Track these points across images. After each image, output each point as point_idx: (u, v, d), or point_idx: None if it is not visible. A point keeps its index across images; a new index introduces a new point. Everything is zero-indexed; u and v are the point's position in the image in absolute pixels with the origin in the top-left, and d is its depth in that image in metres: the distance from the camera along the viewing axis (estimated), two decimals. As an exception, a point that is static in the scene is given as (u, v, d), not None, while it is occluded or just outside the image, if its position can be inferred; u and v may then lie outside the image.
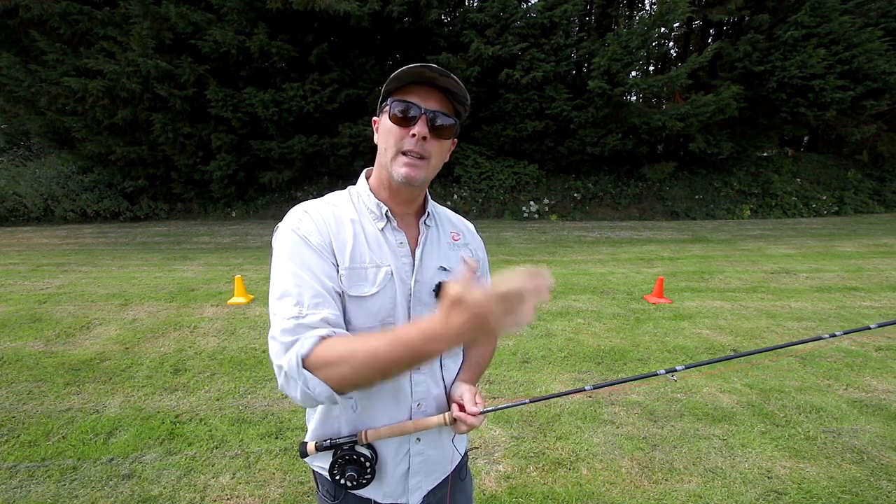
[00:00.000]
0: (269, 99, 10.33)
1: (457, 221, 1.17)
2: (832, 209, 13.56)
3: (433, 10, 10.60)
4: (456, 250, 1.08)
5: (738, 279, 6.33)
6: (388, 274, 0.95)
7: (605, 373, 3.61)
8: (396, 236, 0.99)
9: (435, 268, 1.02)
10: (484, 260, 1.18)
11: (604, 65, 10.77)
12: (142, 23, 9.66)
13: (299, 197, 12.41)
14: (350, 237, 0.94)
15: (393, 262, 0.97)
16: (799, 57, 11.33)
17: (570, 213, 12.52)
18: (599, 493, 2.33)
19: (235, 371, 3.57)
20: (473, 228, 1.21)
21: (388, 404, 1.00)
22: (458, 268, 1.06)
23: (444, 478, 1.12)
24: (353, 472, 0.95)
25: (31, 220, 11.38)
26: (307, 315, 0.82)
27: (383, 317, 0.95)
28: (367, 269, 0.94)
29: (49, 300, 5.23)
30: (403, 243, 0.99)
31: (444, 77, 0.91)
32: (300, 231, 0.91)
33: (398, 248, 0.99)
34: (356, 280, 0.92)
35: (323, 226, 0.93)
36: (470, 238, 1.15)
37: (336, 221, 0.95)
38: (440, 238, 1.07)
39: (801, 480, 2.41)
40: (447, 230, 1.11)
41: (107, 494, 2.27)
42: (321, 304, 0.84)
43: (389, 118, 0.94)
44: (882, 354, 3.94)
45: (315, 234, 0.91)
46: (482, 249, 1.19)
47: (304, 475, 2.42)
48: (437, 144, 0.95)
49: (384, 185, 1.00)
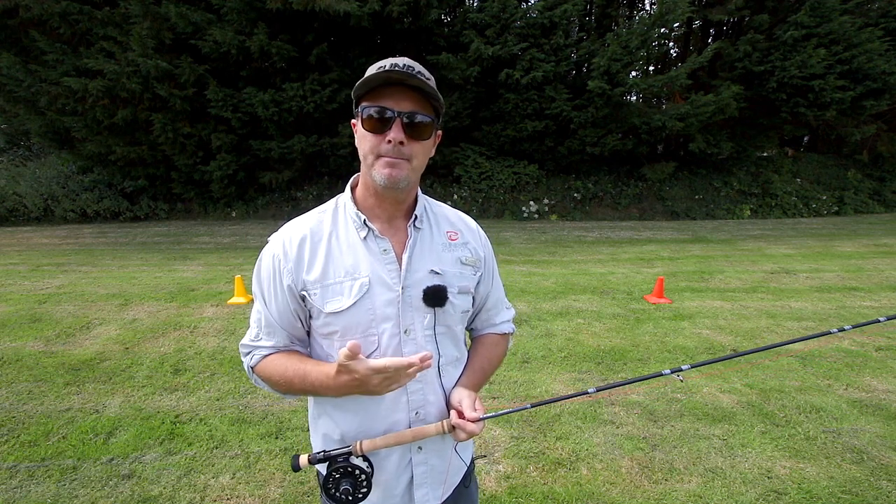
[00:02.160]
0: (269, 99, 10.33)
1: (455, 219, 1.11)
2: (832, 209, 13.56)
3: (433, 10, 10.60)
4: (452, 251, 1.04)
5: (738, 279, 6.33)
6: (364, 285, 0.95)
7: (605, 373, 3.61)
8: (380, 244, 0.97)
9: (426, 271, 0.99)
10: (487, 258, 1.12)
11: (604, 65, 10.77)
12: (142, 23, 9.66)
13: (299, 197, 12.42)
14: (323, 255, 0.97)
15: (376, 270, 0.95)
16: (799, 57, 11.33)
17: (570, 213, 12.52)
18: (599, 493, 2.33)
19: (235, 371, 3.57)
20: (475, 225, 1.15)
21: (385, 413, 0.98)
22: (454, 269, 1.02)
23: (454, 489, 1.09)
24: (348, 486, 0.90)
25: (31, 220, 11.38)
26: (260, 339, 1.02)
27: (364, 328, 0.95)
28: (343, 282, 0.95)
29: (49, 300, 5.23)
30: (387, 250, 0.97)
31: (412, 77, 0.87)
32: (267, 267, 1.00)
33: (382, 255, 0.97)
34: (330, 295, 0.95)
35: (286, 258, 0.98)
36: (470, 236, 1.09)
37: (310, 243, 0.98)
38: (433, 239, 1.03)
39: (801, 480, 2.41)
40: (443, 230, 1.06)
41: (107, 494, 2.27)
42: (271, 333, 1.01)
43: (363, 125, 0.92)
44: (882, 354, 3.94)
45: (277, 271, 0.98)
46: (485, 247, 1.13)
47: (304, 475, 2.42)
48: (417, 146, 0.92)
49: (370, 190, 0.99)
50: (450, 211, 1.14)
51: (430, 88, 0.90)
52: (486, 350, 1.15)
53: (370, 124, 0.90)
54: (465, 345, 1.16)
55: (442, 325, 1.01)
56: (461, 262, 1.05)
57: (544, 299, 5.37)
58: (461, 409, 0.97)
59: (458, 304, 1.02)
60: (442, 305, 0.98)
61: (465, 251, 1.07)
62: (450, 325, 1.03)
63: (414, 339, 0.98)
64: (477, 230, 1.14)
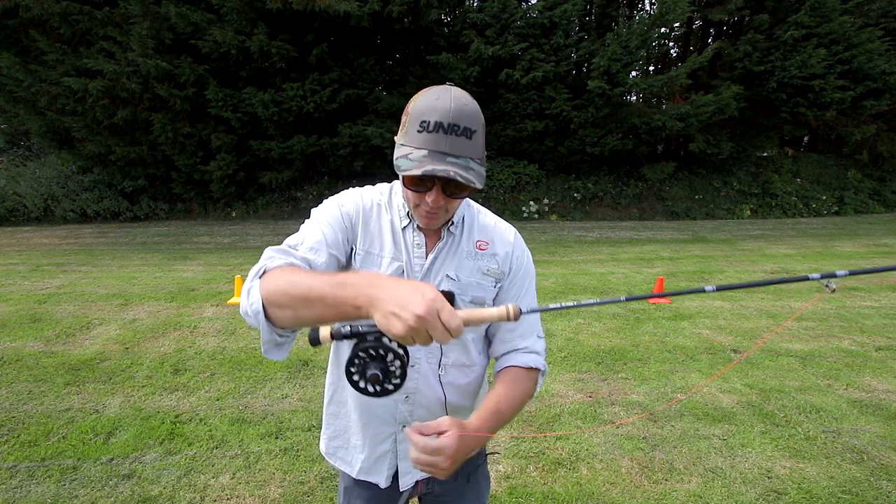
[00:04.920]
0: (269, 99, 10.33)
1: (492, 230, 1.08)
2: (832, 209, 13.56)
3: (433, 10, 10.61)
4: (477, 260, 1.03)
5: (738, 279, 6.32)
6: (399, 269, 1.00)
7: (605, 373, 3.61)
8: (416, 237, 1.02)
9: (443, 275, 1.01)
10: (516, 272, 1.07)
11: (604, 65, 10.77)
12: (142, 23, 9.66)
13: (299, 197, 12.42)
14: (377, 226, 1.02)
15: (408, 260, 1.00)
16: (799, 57, 11.33)
17: (570, 213, 12.52)
18: (599, 493, 2.33)
19: (235, 371, 3.56)
20: (514, 238, 1.09)
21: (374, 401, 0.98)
22: (472, 278, 1.02)
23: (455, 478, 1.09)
24: (377, 372, 0.75)
25: (31, 220, 11.38)
26: (299, 250, 0.92)
27: None
28: (383, 257, 1.01)
29: (49, 300, 5.23)
30: (420, 245, 1.01)
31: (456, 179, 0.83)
32: (341, 203, 1.02)
33: (414, 248, 1.01)
34: (368, 264, 1.01)
35: (360, 209, 1.03)
36: (501, 248, 1.06)
37: (376, 210, 1.04)
38: (461, 246, 1.03)
39: (801, 480, 2.41)
40: (474, 238, 1.05)
41: (107, 494, 2.27)
42: (314, 250, 0.93)
43: (402, 180, 0.93)
44: (882, 354, 3.94)
45: (350, 210, 1.01)
46: (516, 260, 1.07)
47: (304, 475, 2.42)
48: (455, 203, 0.95)
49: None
50: (491, 220, 1.10)
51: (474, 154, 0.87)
52: (504, 388, 1.02)
53: (410, 182, 0.91)
54: (482, 367, 1.13)
55: None
56: (482, 273, 1.03)
57: (544, 299, 5.36)
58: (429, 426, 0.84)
59: None
60: None
61: (492, 262, 1.04)
62: None
63: None
64: (513, 244, 1.08)
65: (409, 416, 1.06)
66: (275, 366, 3.63)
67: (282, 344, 0.85)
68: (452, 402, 1.07)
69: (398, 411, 1.06)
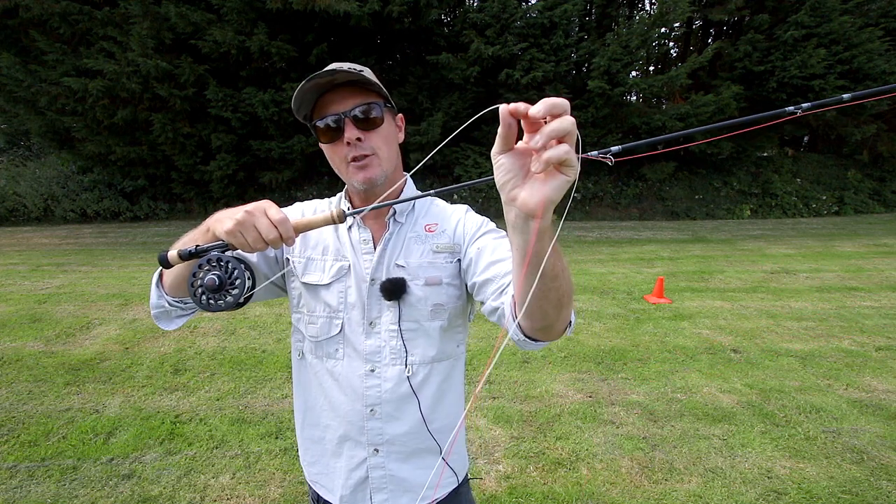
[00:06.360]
0: (269, 99, 10.33)
1: (441, 213, 1.03)
2: (832, 209, 13.56)
3: (433, 10, 10.59)
4: (425, 242, 0.98)
5: (738, 279, 6.33)
6: (345, 269, 0.98)
7: (605, 373, 3.61)
8: (361, 234, 0.99)
9: (393, 265, 0.97)
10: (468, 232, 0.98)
11: (604, 65, 10.77)
12: (142, 23, 9.65)
13: (299, 197, 12.35)
14: (317, 232, 1.01)
15: (355, 259, 0.98)
16: (799, 57, 11.32)
17: (569, 213, 12.53)
18: (599, 493, 2.33)
19: (235, 371, 3.57)
20: (462, 211, 1.04)
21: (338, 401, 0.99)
22: (422, 260, 0.96)
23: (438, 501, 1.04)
24: (214, 277, 0.74)
25: (31, 220, 11.38)
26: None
27: (332, 309, 0.98)
28: (326, 260, 1.00)
29: (49, 300, 5.23)
30: (367, 241, 0.99)
31: (339, 73, 0.88)
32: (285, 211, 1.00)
33: (361, 245, 0.99)
34: (310, 269, 1.00)
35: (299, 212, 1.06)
36: (447, 224, 1.01)
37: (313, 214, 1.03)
38: (408, 233, 1.00)
39: (801, 480, 2.41)
40: (422, 223, 1.01)
41: (107, 494, 2.27)
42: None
43: (321, 141, 0.96)
44: (882, 354, 3.94)
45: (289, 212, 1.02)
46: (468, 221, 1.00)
47: (303, 475, 2.42)
48: (375, 135, 0.93)
49: (356, 195, 1.02)
50: (441, 205, 1.06)
51: (360, 77, 0.90)
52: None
53: (326, 136, 0.94)
54: (461, 345, 1.04)
55: (409, 321, 0.95)
56: (433, 252, 0.97)
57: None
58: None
59: (423, 296, 0.95)
60: (398, 298, 0.94)
61: (442, 238, 0.99)
62: (419, 320, 0.96)
63: (378, 333, 0.96)
64: (458, 216, 1.02)
65: (380, 436, 0.98)
66: (275, 366, 3.63)
67: (169, 312, 0.92)
68: (431, 408, 0.99)
69: (366, 429, 0.98)
